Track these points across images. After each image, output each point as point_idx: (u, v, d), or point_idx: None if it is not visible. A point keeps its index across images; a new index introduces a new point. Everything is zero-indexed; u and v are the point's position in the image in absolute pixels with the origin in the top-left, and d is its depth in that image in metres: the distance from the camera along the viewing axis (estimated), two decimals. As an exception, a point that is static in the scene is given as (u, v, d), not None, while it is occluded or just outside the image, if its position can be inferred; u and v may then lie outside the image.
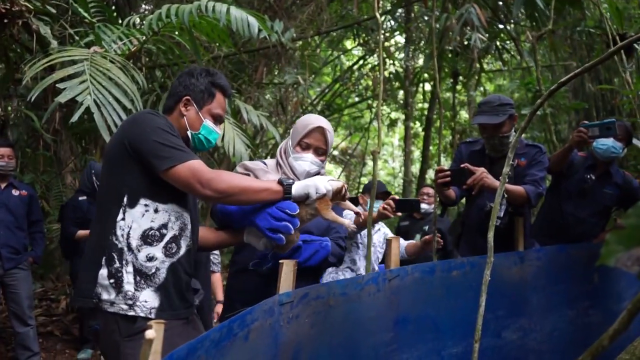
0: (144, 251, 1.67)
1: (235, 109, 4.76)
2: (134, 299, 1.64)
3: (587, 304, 3.00)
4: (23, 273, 4.11)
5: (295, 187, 1.69)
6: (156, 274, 1.69)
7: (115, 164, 1.70)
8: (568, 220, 3.23)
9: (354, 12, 7.17)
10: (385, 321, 1.96)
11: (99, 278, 1.64)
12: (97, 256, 1.66)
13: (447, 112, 9.06)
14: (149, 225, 1.68)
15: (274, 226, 1.65)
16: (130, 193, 1.67)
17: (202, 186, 1.61)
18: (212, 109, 1.89)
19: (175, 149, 1.64)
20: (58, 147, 5.54)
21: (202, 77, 1.89)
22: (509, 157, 1.43)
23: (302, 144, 2.06)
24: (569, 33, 7.21)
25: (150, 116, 1.70)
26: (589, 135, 2.88)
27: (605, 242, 0.67)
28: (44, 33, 3.92)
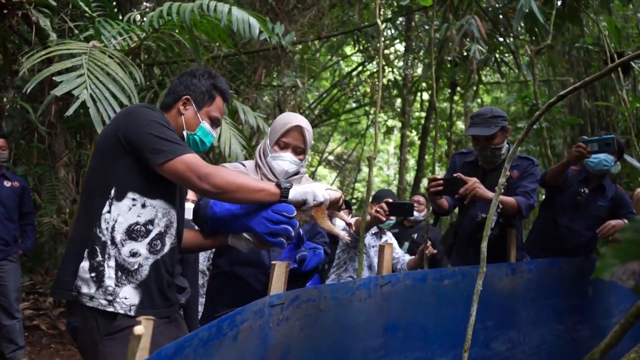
0: (127, 246, 1.65)
1: (233, 109, 4.75)
2: (114, 294, 1.62)
3: (576, 319, 3.01)
4: (12, 265, 4.08)
5: (292, 191, 1.65)
6: (138, 271, 1.67)
7: (107, 155, 1.67)
8: (563, 233, 3.26)
9: (355, 18, 7.19)
10: (375, 327, 1.95)
11: (79, 271, 1.61)
12: (80, 248, 1.63)
13: (444, 122, 9.09)
14: (135, 219, 1.66)
15: (272, 230, 1.61)
16: (119, 186, 1.65)
17: (200, 179, 1.59)
18: (210, 111, 1.87)
19: (171, 142, 1.61)
20: (52, 140, 5.51)
21: (204, 79, 1.88)
22: (506, 167, 1.44)
23: (281, 143, 2.02)
24: (567, 49, 7.28)
25: (145, 109, 1.68)
26: (587, 151, 2.91)
27: (600, 256, 0.67)
28: (43, 25, 3.91)
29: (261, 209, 1.65)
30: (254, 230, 1.64)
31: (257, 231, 1.64)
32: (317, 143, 12.56)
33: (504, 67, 6.86)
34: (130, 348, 0.97)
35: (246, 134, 6.13)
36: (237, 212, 1.70)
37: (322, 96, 9.27)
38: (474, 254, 2.96)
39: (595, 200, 3.24)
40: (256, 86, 6.18)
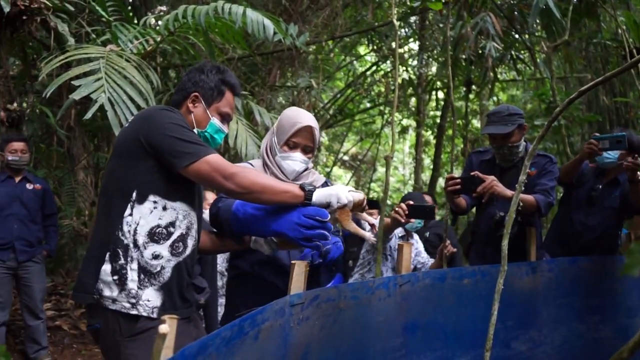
0: (150, 248, 1.65)
1: (248, 110, 4.77)
2: (136, 297, 1.62)
3: (597, 318, 2.97)
4: (37, 266, 4.16)
5: (316, 194, 1.63)
6: (161, 273, 1.67)
7: (127, 158, 1.67)
8: (578, 228, 3.23)
9: (368, 17, 7.18)
10: (394, 327, 1.94)
11: (101, 274, 1.62)
12: (101, 251, 1.64)
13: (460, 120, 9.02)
14: (156, 222, 1.66)
15: (307, 235, 1.59)
16: (140, 189, 1.65)
17: (225, 179, 1.59)
18: (220, 107, 1.85)
19: (193, 144, 1.61)
20: (71, 144, 5.58)
21: (212, 74, 1.85)
22: (526, 165, 1.43)
23: (290, 143, 1.98)
24: (584, 45, 7.17)
25: (165, 112, 1.68)
26: (599, 148, 2.88)
27: (628, 252, 0.66)
28: (61, 30, 3.97)
29: (287, 213, 1.62)
30: (286, 236, 1.61)
31: (290, 237, 1.61)
32: (332, 143, 12.56)
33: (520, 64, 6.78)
34: (155, 347, 0.98)
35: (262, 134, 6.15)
36: (261, 216, 1.68)
37: (337, 96, 9.26)
38: (492, 252, 2.94)
39: (609, 194, 3.20)
40: (271, 87, 6.20)
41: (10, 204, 4.05)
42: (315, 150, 2.07)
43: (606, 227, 3.19)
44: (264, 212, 1.67)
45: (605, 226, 3.19)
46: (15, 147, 4.07)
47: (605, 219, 3.18)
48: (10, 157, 4.05)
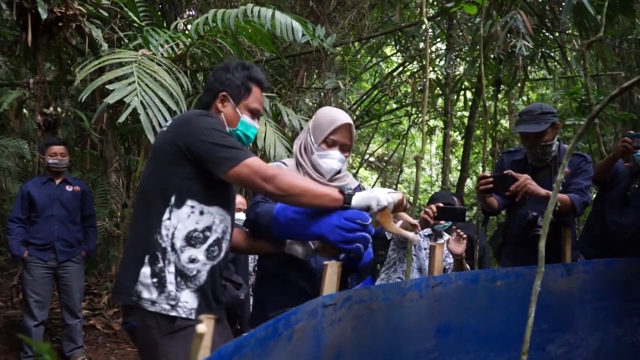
0: (186, 252, 1.67)
1: (276, 112, 4.80)
2: (176, 299, 1.65)
3: (636, 322, 2.88)
4: (76, 266, 4.28)
5: (356, 197, 1.63)
6: (197, 276, 1.70)
7: (166, 163, 1.69)
8: (611, 228, 3.15)
9: (395, 18, 7.14)
10: (426, 329, 1.92)
11: (140, 276, 1.64)
12: (140, 254, 1.66)
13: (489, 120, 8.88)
14: (193, 226, 1.68)
15: (348, 238, 1.59)
16: (179, 193, 1.67)
17: (265, 182, 1.60)
18: (249, 103, 1.86)
19: (232, 148, 1.63)
20: (104, 147, 5.72)
21: (237, 72, 1.86)
22: (564, 163, 1.40)
23: (329, 141, 1.97)
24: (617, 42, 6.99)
25: (202, 117, 1.70)
26: (633, 146, 2.80)
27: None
28: (95, 36, 4.08)
29: (328, 216, 1.62)
30: (326, 239, 1.61)
31: (330, 240, 1.60)
32: (358, 144, 12.52)
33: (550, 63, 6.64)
34: (193, 346, 0.99)
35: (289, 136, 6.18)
36: (302, 220, 1.67)
37: (363, 97, 9.23)
38: (524, 253, 2.89)
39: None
40: (298, 89, 6.22)
41: (51, 206, 4.18)
42: (352, 149, 2.06)
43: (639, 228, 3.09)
44: (305, 216, 1.67)
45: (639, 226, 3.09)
46: (55, 151, 4.20)
47: (639, 219, 3.09)
48: (51, 160, 4.19)
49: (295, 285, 1.97)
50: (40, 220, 4.15)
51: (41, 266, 4.12)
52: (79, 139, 6.00)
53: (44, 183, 4.24)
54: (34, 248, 4.12)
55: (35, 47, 4.06)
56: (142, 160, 5.24)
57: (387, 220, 1.64)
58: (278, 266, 2.02)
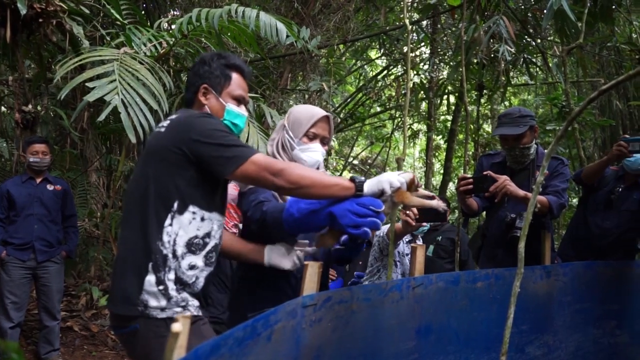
0: (187, 259, 1.65)
1: (260, 113, 4.78)
2: (185, 300, 1.65)
3: (613, 324, 2.92)
4: (56, 267, 4.20)
5: (368, 184, 1.60)
6: (195, 283, 1.68)
7: (167, 167, 1.64)
8: (594, 232, 3.20)
9: (380, 21, 7.17)
10: (407, 330, 1.92)
11: (145, 285, 1.60)
12: (142, 261, 1.62)
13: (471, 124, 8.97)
14: (194, 233, 1.66)
15: (358, 223, 1.55)
16: (181, 199, 1.64)
17: (274, 176, 1.57)
18: (232, 91, 1.83)
19: (235, 147, 1.60)
20: (84, 146, 5.64)
21: (214, 62, 1.83)
22: (544, 165, 1.41)
23: (310, 134, 1.98)
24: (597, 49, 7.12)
25: (203, 119, 1.66)
26: (629, 150, 2.84)
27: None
28: (76, 33, 4.01)
29: (341, 202, 1.59)
30: (336, 221, 1.57)
31: (340, 223, 1.56)
32: (342, 147, 12.54)
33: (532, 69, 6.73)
34: (168, 345, 0.97)
35: (272, 138, 6.16)
36: (317, 209, 1.63)
37: (347, 100, 9.26)
38: (503, 255, 2.92)
39: (628, 197, 3.18)
40: (282, 90, 6.21)
41: (31, 205, 4.10)
42: (330, 142, 2.07)
43: (623, 231, 3.16)
44: (318, 204, 1.64)
45: (622, 230, 3.15)
46: (36, 149, 4.13)
47: (622, 223, 3.15)
48: (32, 158, 4.11)
49: (275, 287, 1.95)
50: (19, 219, 4.07)
51: (20, 267, 4.03)
52: (59, 137, 5.90)
53: (24, 182, 4.16)
54: (13, 248, 4.04)
55: (15, 43, 3.97)
56: (123, 159, 5.18)
57: (405, 197, 1.62)
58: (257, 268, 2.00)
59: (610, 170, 3.25)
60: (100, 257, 5.42)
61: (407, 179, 1.63)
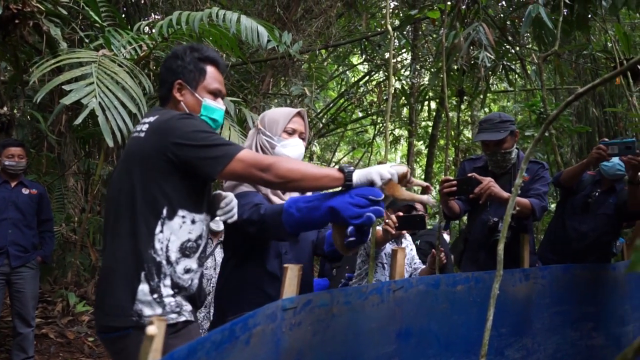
0: (182, 264, 1.63)
1: (241, 117, 4.76)
2: (179, 306, 1.62)
3: (591, 326, 2.96)
4: (31, 272, 4.09)
5: (356, 174, 1.57)
6: (191, 286, 1.67)
7: (153, 173, 1.60)
8: (571, 234, 3.26)
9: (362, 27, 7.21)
10: (387, 333, 1.92)
11: (138, 294, 1.56)
12: (133, 271, 1.58)
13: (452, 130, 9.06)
14: (186, 237, 1.64)
15: (359, 213, 1.52)
16: (170, 205, 1.61)
17: (263, 172, 1.55)
18: (207, 85, 1.78)
19: (221, 146, 1.57)
20: (62, 150, 5.54)
21: (187, 56, 1.78)
22: (523, 168, 1.42)
23: (288, 129, 2.02)
24: (574, 57, 7.26)
25: (184, 120, 1.62)
26: (608, 153, 2.89)
27: (634, 249, 0.64)
28: (54, 35, 3.94)
29: (340, 195, 1.57)
30: (339, 215, 1.54)
31: (343, 216, 1.53)
32: (324, 152, 12.55)
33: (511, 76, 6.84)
34: (142, 348, 0.95)
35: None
36: (316, 206, 1.61)
37: (329, 106, 9.28)
38: (485, 258, 2.94)
39: (605, 201, 3.24)
40: (264, 95, 6.20)
41: (5, 209, 4.00)
42: (307, 138, 2.10)
43: (599, 234, 3.22)
44: (317, 201, 1.61)
45: (599, 233, 3.21)
46: (12, 152, 4.04)
47: (598, 226, 3.21)
48: (7, 162, 4.02)
49: (259, 291, 1.94)
50: (-7, 224, 3.97)
51: (-7, 272, 3.93)
52: (36, 141, 5.79)
53: (-1, 185, 4.07)
54: (-14, 253, 3.93)
55: (-10, 44, 3.90)
56: (102, 163, 5.10)
57: (396, 190, 1.59)
58: (242, 273, 1.99)
59: (588, 175, 3.31)
60: (78, 262, 5.32)
61: (399, 172, 1.61)
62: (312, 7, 6.33)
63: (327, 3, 6.36)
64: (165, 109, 1.78)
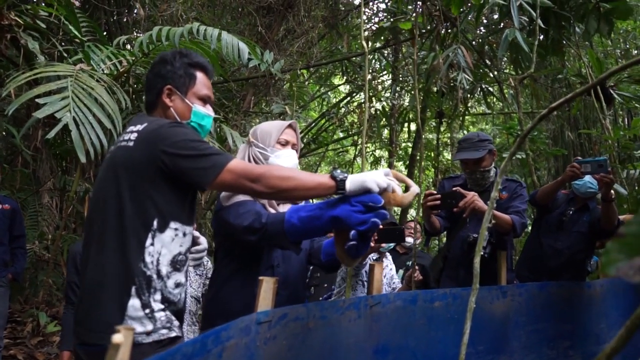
0: (173, 278, 1.59)
1: (222, 135, 4.74)
2: (170, 320, 1.58)
3: (567, 344, 2.96)
4: (1, 290, 3.95)
5: (350, 182, 1.53)
6: (180, 300, 1.63)
7: (142, 184, 1.56)
8: (547, 252, 3.31)
9: (343, 48, 7.31)
10: (364, 349, 1.89)
11: (128, 310, 1.51)
12: (123, 286, 1.52)
13: (431, 152, 9.16)
14: (178, 250, 1.60)
15: (364, 219, 1.50)
16: (161, 216, 1.56)
17: (253, 182, 1.52)
18: (197, 91, 1.76)
19: (211, 156, 1.54)
20: (37, 166, 5.44)
21: (176, 61, 1.75)
22: (498, 181, 1.43)
23: (282, 140, 2.04)
24: (550, 82, 7.46)
25: (173, 129, 1.58)
26: (581, 171, 2.96)
27: (604, 251, 0.64)
28: (31, 48, 3.90)
29: (342, 204, 1.55)
30: (343, 223, 1.53)
31: (347, 223, 1.52)
32: (305, 173, 12.53)
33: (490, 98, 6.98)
34: (108, 357, 0.91)
35: (234, 160, 6.10)
36: (318, 215, 1.60)
37: (311, 126, 9.32)
38: (464, 275, 2.95)
39: (579, 219, 3.30)
40: (245, 113, 6.20)
41: None
42: (299, 149, 2.13)
43: (574, 252, 3.27)
44: (319, 210, 1.60)
45: (574, 251, 3.27)
46: None
47: (573, 244, 3.26)
48: None
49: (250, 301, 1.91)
50: (-38, 239, 3.85)
51: (-39, 290, 3.80)
52: (10, 156, 5.67)
53: (-30, 200, 3.96)
54: (-46, 269, 3.80)
55: (-35, 57, 3.84)
56: (78, 180, 5.01)
57: (392, 199, 1.57)
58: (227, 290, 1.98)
59: (562, 194, 3.38)
60: (50, 281, 5.18)
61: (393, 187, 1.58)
62: (294, 27, 6.40)
63: (308, 24, 6.43)
64: (153, 117, 1.74)
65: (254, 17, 6.08)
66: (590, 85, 1.25)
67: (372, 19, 7.72)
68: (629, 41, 8.09)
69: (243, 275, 1.96)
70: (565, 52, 5.91)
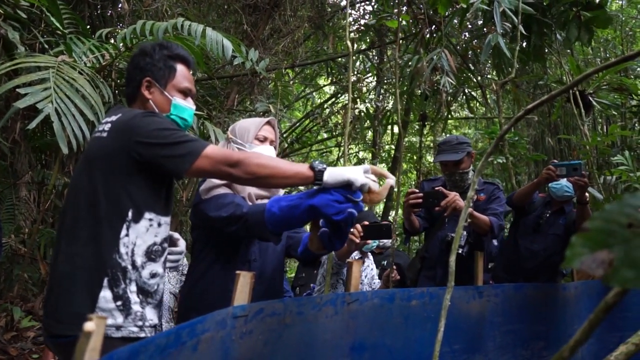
0: (148, 268, 1.58)
1: (205, 132, 4.71)
2: (143, 319, 1.55)
3: (541, 345, 3.01)
4: None
5: (328, 174, 1.54)
6: (157, 291, 1.62)
7: (117, 174, 1.55)
8: (523, 254, 3.38)
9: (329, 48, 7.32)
10: (341, 346, 1.90)
11: (99, 301, 1.50)
12: (95, 277, 1.51)
13: (414, 154, 9.22)
14: (152, 240, 1.59)
15: (340, 209, 1.53)
16: (135, 207, 1.56)
17: (232, 167, 1.52)
18: (177, 83, 1.75)
19: (186, 143, 1.53)
20: (15, 159, 5.34)
21: (156, 53, 1.75)
22: (474, 181, 1.45)
23: (260, 137, 2.06)
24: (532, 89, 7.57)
25: (147, 118, 1.58)
26: (557, 174, 3.02)
27: (569, 245, 0.66)
28: (12, 38, 3.83)
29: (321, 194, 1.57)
30: (319, 212, 1.55)
31: (323, 213, 1.54)
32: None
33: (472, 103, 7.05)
34: (78, 346, 0.90)
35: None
36: (298, 205, 1.62)
37: (295, 126, 9.32)
38: (442, 274, 2.99)
39: (555, 222, 3.38)
40: (228, 111, 6.17)
41: None
42: (277, 146, 2.14)
43: (550, 254, 3.34)
44: (299, 200, 1.61)
45: (549, 252, 3.34)
46: None
47: (549, 246, 3.33)
48: None
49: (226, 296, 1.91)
50: None
51: None
52: (-13, 148, 5.56)
53: (-60, 192, 3.88)
54: None
55: (-58, 46, 3.76)
56: (56, 173, 4.94)
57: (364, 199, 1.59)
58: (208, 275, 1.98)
59: (538, 197, 3.45)
60: (26, 275, 5.09)
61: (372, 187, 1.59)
62: (280, 26, 6.39)
63: (294, 23, 6.43)
64: (128, 108, 1.74)
65: (240, 15, 6.06)
66: (566, 87, 1.28)
67: (359, 21, 7.75)
68: (609, 50, 8.26)
69: (219, 269, 1.96)
70: (546, 59, 6.02)
